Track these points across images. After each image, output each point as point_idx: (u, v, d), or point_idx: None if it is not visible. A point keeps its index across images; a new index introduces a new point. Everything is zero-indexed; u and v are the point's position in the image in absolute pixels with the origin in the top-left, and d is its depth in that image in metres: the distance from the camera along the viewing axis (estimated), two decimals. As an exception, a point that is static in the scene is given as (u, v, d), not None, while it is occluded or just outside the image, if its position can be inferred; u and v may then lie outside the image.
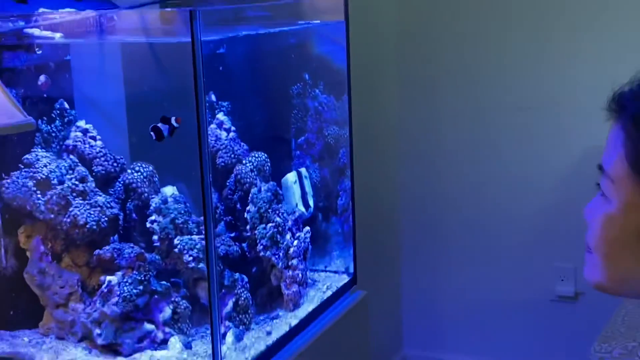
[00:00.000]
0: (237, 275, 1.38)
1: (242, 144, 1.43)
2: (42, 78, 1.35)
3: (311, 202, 1.56)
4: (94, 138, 1.46)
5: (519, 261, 2.90)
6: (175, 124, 1.23)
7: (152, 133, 1.25)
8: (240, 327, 1.37)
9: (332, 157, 1.65)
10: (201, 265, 1.36)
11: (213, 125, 1.39)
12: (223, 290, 1.35)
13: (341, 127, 1.64)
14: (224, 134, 1.39)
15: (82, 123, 1.46)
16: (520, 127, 2.76)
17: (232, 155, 1.39)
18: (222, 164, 1.41)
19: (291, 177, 1.53)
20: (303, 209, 1.53)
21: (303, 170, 1.57)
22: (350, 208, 1.67)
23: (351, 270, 1.68)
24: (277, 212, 1.44)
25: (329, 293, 1.58)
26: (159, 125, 1.25)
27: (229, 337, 1.33)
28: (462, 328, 3.03)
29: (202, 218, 1.38)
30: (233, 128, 1.41)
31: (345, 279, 1.66)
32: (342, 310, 1.60)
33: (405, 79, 2.83)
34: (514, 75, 2.75)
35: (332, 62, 1.61)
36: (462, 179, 2.92)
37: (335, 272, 1.68)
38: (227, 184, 1.42)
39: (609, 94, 0.95)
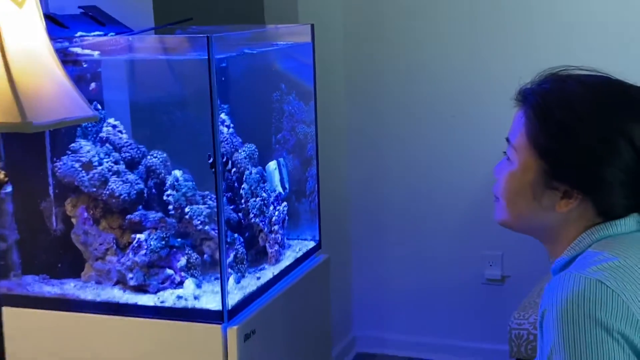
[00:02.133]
0: (236, 235, 1.78)
1: (237, 137, 1.86)
2: (92, 85, 1.76)
3: (287, 185, 2.00)
4: (121, 132, 1.85)
5: (453, 249, 3.15)
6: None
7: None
8: (239, 274, 1.78)
9: (302, 150, 2.09)
10: (207, 227, 1.78)
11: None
12: (226, 246, 1.78)
13: (308, 126, 2.08)
14: (225, 129, 1.82)
15: (112, 120, 1.83)
16: (453, 127, 3.02)
17: (232, 146, 1.82)
18: (224, 152, 1.83)
19: (272, 164, 1.95)
20: (281, 190, 1.97)
21: (281, 160, 2.00)
22: (316, 191, 2.12)
23: (317, 238, 2.12)
24: (263, 189, 1.87)
25: (301, 254, 1.99)
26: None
27: (231, 281, 1.74)
28: (404, 309, 3.26)
29: (205, 192, 1.78)
30: (232, 125, 1.85)
31: (312, 244, 2.10)
32: (311, 266, 2.01)
33: (351, 79, 3.11)
34: (448, 78, 2.98)
35: (301, 75, 2.06)
36: (403, 173, 3.14)
37: (305, 239, 2.11)
38: (227, 168, 1.83)
39: (516, 88, 1.29)
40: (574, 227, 1.24)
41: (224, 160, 1.78)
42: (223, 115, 1.82)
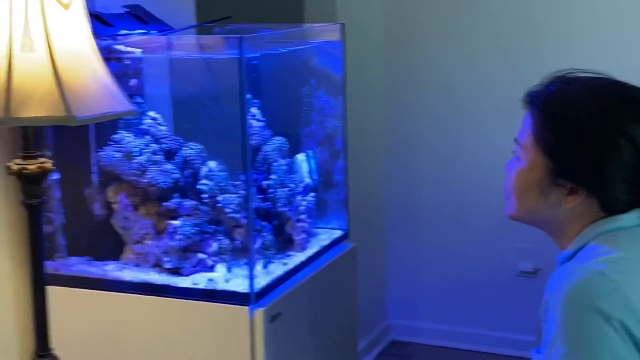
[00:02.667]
0: (264, 223, 1.90)
1: (268, 130, 1.97)
2: (133, 81, 1.89)
3: (315, 176, 2.10)
4: (160, 124, 1.97)
5: (487, 242, 3.23)
6: None
7: None
8: (266, 260, 1.87)
9: (331, 143, 2.19)
10: (237, 215, 1.89)
11: (248, 117, 1.94)
12: (254, 233, 1.88)
13: (337, 120, 2.19)
14: (256, 123, 1.93)
15: (152, 113, 1.94)
16: (487, 125, 3.11)
17: (261, 138, 1.94)
18: (253, 144, 1.93)
19: (300, 156, 2.05)
20: (309, 180, 2.08)
21: (309, 152, 2.11)
22: (343, 182, 2.21)
23: (345, 228, 2.22)
24: (292, 180, 1.98)
25: (328, 242, 2.10)
26: None
27: (259, 265, 1.85)
28: (438, 299, 3.34)
29: (237, 182, 1.90)
30: (262, 119, 1.96)
31: (340, 233, 2.20)
32: (337, 254, 2.10)
33: (390, 76, 3.23)
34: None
35: (332, 71, 2.16)
36: (438, 167, 3.23)
37: (333, 229, 2.22)
38: (257, 159, 1.93)
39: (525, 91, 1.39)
40: (579, 222, 1.31)
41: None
42: (254, 110, 1.93)
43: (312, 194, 2.04)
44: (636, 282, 1.20)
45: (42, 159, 1.57)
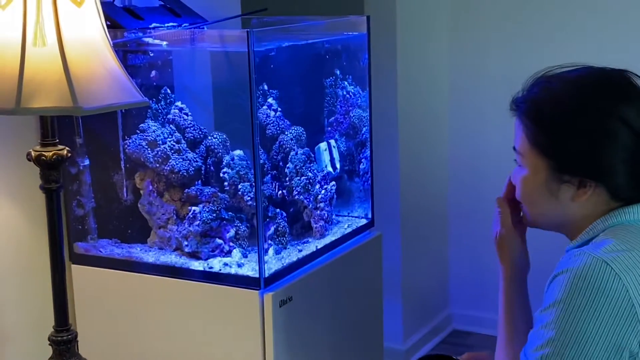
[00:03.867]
0: (277, 210, 1.94)
1: (285, 120, 2.02)
2: (153, 72, 1.98)
3: (338, 165, 2.14)
4: (186, 114, 2.04)
5: (552, 233, 3.25)
6: None
7: None
8: (279, 246, 1.94)
9: (356, 133, 2.22)
10: (255, 203, 1.95)
11: (264, 107, 2.00)
12: (267, 220, 1.94)
13: (363, 111, 2.22)
14: (272, 113, 1.98)
15: (179, 103, 2.00)
16: None
17: (277, 128, 1.98)
18: (270, 134, 1.98)
19: (322, 145, 2.10)
20: (331, 169, 2.12)
21: (332, 141, 2.14)
22: (369, 171, 2.24)
23: (369, 216, 2.25)
24: (309, 169, 2.02)
25: (350, 230, 2.14)
26: None
27: (271, 251, 1.91)
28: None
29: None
30: (279, 109, 2.00)
31: (364, 222, 2.24)
32: (359, 243, 2.12)
33: (455, 69, 3.26)
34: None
35: (357, 63, 2.19)
36: (502, 156, 3.07)
37: (359, 217, 2.25)
38: (273, 148, 1.97)
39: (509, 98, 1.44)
40: (593, 214, 1.33)
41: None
42: (270, 100, 1.99)
43: (332, 183, 2.08)
44: (638, 278, 1.21)
45: (59, 147, 1.67)
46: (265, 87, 1.99)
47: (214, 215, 1.92)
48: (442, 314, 3.50)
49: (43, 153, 1.65)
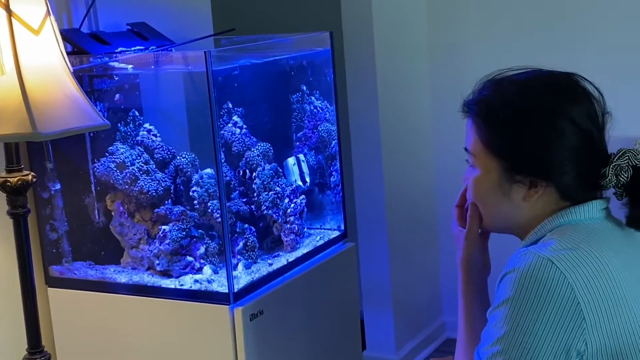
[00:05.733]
0: (246, 225, 1.97)
1: (251, 137, 2.05)
2: (120, 96, 2.01)
3: (308, 179, 2.17)
4: (155, 135, 2.08)
5: None
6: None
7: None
8: (249, 260, 1.97)
9: (325, 147, 2.25)
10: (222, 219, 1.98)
11: (230, 125, 2.03)
12: (236, 235, 1.97)
13: (331, 125, 2.25)
14: (237, 130, 2.02)
15: (147, 125, 2.03)
16: None
17: (243, 145, 2.02)
18: (236, 151, 2.01)
19: (291, 160, 2.13)
20: (301, 183, 2.14)
21: (301, 156, 2.16)
22: (340, 183, 2.27)
23: (342, 228, 2.27)
24: (277, 184, 2.05)
25: (321, 242, 2.16)
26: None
27: (240, 266, 1.93)
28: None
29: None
30: (245, 126, 2.03)
31: (337, 234, 2.26)
32: (332, 255, 2.14)
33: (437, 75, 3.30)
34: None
35: (322, 78, 2.22)
36: None
37: (330, 229, 2.27)
38: (240, 164, 2.01)
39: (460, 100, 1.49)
40: (543, 214, 1.35)
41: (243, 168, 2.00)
42: (235, 118, 2.02)
43: (302, 197, 2.11)
44: (584, 274, 1.24)
45: (24, 172, 1.70)
46: (230, 105, 2.02)
47: (184, 233, 1.94)
48: (435, 323, 3.51)
49: (8, 179, 1.68)
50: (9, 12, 1.58)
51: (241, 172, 1.98)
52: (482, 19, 3.21)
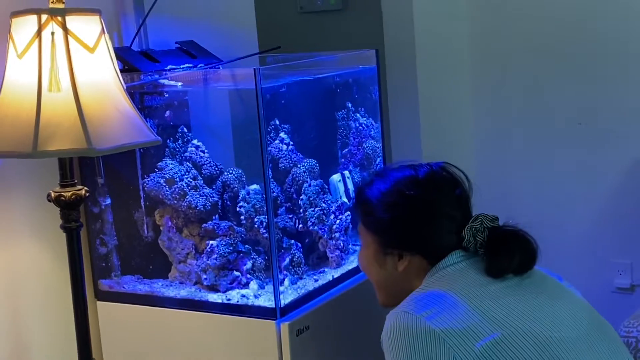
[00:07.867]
0: (292, 241, 1.99)
1: (297, 153, 2.07)
2: (169, 112, 2.05)
3: (352, 195, 2.19)
4: (203, 151, 2.11)
5: (582, 256, 3.19)
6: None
7: None
8: (295, 276, 1.99)
9: (370, 164, 2.26)
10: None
11: (277, 141, 2.06)
12: (282, 251, 1.98)
13: (377, 141, 2.26)
14: (284, 147, 2.04)
15: (195, 141, 2.08)
16: (579, 134, 3.10)
17: (290, 161, 2.04)
18: (283, 167, 2.03)
19: (336, 177, 2.15)
20: (346, 200, 2.16)
21: (346, 172, 2.19)
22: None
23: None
24: (323, 200, 2.07)
25: (367, 259, 2.18)
26: None
27: (286, 282, 1.95)
28: None
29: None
30: (291, 143, 2.06)
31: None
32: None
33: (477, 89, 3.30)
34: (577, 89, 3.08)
35: (368, 95, 2.24)
36: (529, 180, 3.23)
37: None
38: (286, 181, 2.03)
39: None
40: (418, 279, 1.55)
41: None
42: (282, 134, 2.04)
43: (347, 213, 2.12)
44: (441, 312, 1.40)
45: (78, 187, 1.74)
46: (277, 122, 2.04)
47: (231, 248, 1.97)
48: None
49: (62, 193, 1.72)
50: (66, 31, 1.62)
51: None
52: (524, 39, 3.20)
